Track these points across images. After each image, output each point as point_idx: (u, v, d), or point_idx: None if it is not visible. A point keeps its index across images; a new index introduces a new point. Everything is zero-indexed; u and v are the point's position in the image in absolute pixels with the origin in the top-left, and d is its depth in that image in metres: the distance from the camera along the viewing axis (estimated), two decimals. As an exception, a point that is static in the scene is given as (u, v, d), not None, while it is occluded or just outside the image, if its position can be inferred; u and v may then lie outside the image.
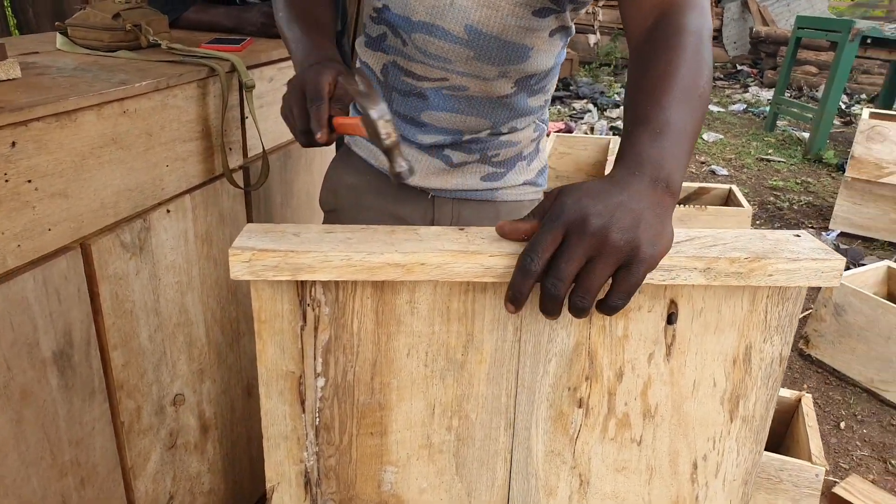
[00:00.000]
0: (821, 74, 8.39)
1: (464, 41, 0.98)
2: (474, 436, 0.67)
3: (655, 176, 0.60)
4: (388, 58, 1.07)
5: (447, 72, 1.02)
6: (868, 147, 3.54)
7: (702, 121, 0.69)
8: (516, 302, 0.57)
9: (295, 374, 0.64)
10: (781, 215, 4.09)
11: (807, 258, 0.58)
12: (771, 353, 0.63)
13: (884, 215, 3.65)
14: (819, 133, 5.11)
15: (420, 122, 1.08)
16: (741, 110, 7.04)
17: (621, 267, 0.56)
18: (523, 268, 0.56)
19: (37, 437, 1.02)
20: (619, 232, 0.55)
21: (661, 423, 0.66)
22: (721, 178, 4.74)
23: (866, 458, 2.10)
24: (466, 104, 1.05)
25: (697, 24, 0.74)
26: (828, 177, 4.80)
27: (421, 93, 1.06)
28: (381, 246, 0.58)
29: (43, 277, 0.99)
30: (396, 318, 0.62)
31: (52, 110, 0.96)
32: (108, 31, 1.37)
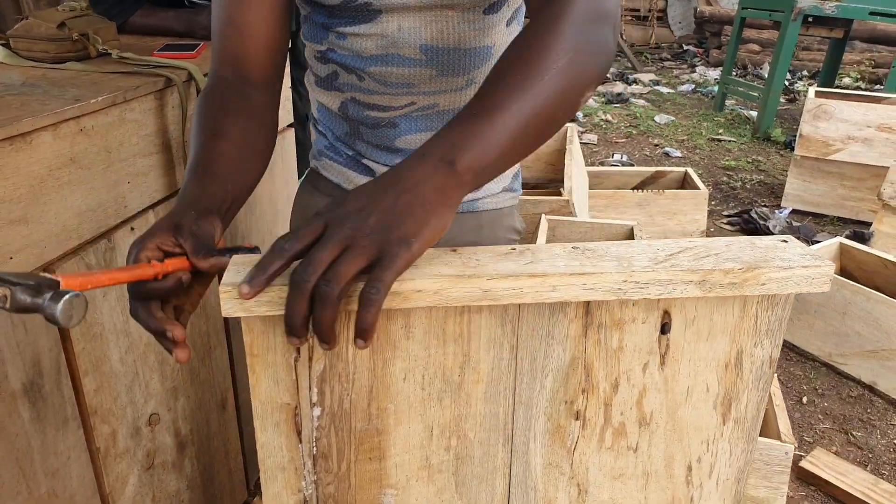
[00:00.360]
0: (763, 52, 8.59)
1: (423, 62, 0.93)
2: (473, 454, 0.67)
3: (441, 156, 0.60)
4: (345, 95, 1.01)
5: (413, 95, 0.97)
6: (815, 126, 3.64)
7: (554, 115, 0.66)
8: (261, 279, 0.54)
9: (290, 405, 0.63)
10: (735, 195, 4.18)
11: (798, 266, 0.59)
12: (761, 356, 0.65)
13: (832, 191, 3.77)
14: (766, 112, 5.23)
15: (395, 148, 1.03)
16: (690, 91, 7.16)
17: (375, 262, 0.55)
18: (277, 246, 0.56)
19: (11, 473, 0.99)
20: (371, 229, 0.55)
21: (657, 430, 0.67)
22: (675, 160, 4.83)
23: (828, 430, 2.18)
24: (439, 120, 1.00)
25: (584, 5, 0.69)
26: (777, 154, 4.93)
27: (390, 122, 1.00)
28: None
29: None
30: (392, 343, 0.61)
31: (5, 134, 0.92)
32: (53, 41, 1.32)
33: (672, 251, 0.60)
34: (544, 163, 3.55)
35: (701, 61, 8.86)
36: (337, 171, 1.10)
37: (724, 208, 3.98)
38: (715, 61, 8.50)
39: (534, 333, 0.62)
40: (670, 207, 3.35)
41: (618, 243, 0.63)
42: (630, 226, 2.25)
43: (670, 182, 3.67)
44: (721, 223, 3.77)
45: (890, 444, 2.12)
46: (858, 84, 7.45)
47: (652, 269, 0.58)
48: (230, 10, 0.87)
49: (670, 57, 9.22)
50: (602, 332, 0.62)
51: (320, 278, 0.54)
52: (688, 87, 7.26)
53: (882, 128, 3.53)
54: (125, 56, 1.34)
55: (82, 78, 1.21)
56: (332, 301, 0.53)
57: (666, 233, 3.37)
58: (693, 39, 9.98)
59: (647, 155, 4.95)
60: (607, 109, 6.16)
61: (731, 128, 5.61)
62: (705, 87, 7.23)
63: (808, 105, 3.65)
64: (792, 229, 3.54)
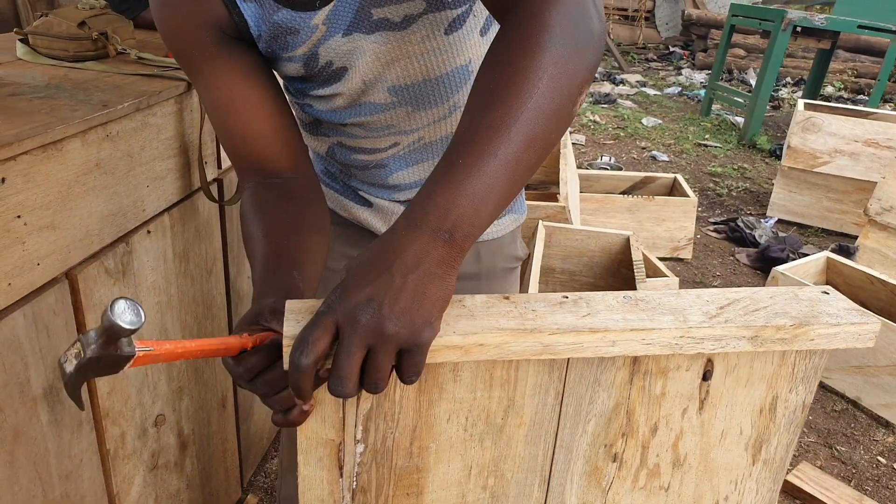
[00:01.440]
0: (749, 57, 8.69)
1: (395, 103, 0.90)
2: (508, 493, 0.69)
3: (437, 227, 0.57)
4: (331, 140, 0.99)
5: (395, 136, 0.94)
6: (804, 137, 3.71)
7: (543, 146, 0.61)
8: (303, 398, 0.56)
9: (335, 441, 0.64)
10: (721, 202, 4.24)
11: (846, 322, 0.61)
12: (795, 401, 0.67)
13: (817, 203, 3.84)
14: (753, 120, 5.30)
15: (389, 185, 1.01)
16: (676, 93, 7.23)
17: (403, 350, 0.55)
18: (293, 363, 0.54)
19: (29, 477, 0.99)
20: (392, 319, 0.53)
21: (689, 471, 0.70)
22: (662, 164, 4.88)
23: (813, 444, 2.24)
24: (428, 151, 0.97)
25: (567, 17, 0.61)
26: (762, 162, 5.01)
27: (378, 163, 0.98)
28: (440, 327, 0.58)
29: (32, 314, 0.96)
30: (439, 386, 0.62)
31: (39, 142, 0.92)
32: (73, 40, 1.31)
33: (721, 304, 0.62)
34: (537, 164, 3.57)
35: (687, 64, 8.93)
36: (333, 199, 1.07)
37: (710, 215, 4.04)
38: (701, 64, 8.58)
39: (581, 381, 0.64)
40: (660, 213, 3.40)
41: (667, 293, 0.64)
42: (626, 236, 2.29)
43: (659, 188, 3.71)
44: (707, 230, 3.83)
45: (873, 460, 2.18)
46: (841, 94, 7.57)
47: (707, 324, 0.60)
48: (227, 123, 0.84)
49: (656, 58, 9.29)
50: (647, 380, 0.64)
51: (365, 386, 0.55)
52: (674, 90, 7.33)
53: (869, 143, 3.60)
54: (143, 56, 1.33)
55: (104, 80, 1.20)
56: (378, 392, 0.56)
57: (654, 239, 3.42)
58: (679, 41, 10.05)
59: (635, 158, 5.00)
60: (595, 110, 6.19)
61: (717, 133, 5.68)
62: (691, 91, 7.31)
63: (798, 117, 3.71)
64: (778, 239, 3.61)
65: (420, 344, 0.55)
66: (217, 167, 1.43)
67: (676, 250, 3.47)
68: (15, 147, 0.88)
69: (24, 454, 0.98)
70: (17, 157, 0.89)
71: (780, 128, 5.87)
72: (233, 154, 0.86)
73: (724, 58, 6.15)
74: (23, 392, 0.96)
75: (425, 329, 0.55)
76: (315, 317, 0.55)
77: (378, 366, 0.55)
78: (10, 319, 0.92)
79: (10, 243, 0.90)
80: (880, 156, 3.58)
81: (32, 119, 0.96)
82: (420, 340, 0.55)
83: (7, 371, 0.93)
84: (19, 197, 0.91)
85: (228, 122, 0.83)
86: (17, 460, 0.97)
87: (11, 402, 0.94)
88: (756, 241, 3.61)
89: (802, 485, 1.96)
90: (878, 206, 3.08)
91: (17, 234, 0.91)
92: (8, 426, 0.94)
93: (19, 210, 0.91)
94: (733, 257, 3.53)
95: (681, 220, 3.42)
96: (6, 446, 0.94)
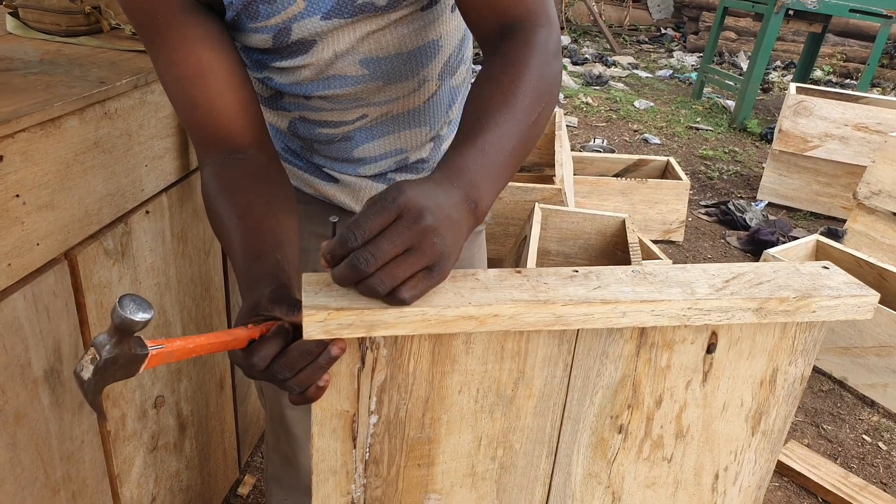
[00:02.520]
0: (740, 40, 8.69)
1: (367, 76, 0.89)
2: (517, 463, 0.70)
3: (468, 194, 0.62)
4: (293, 114, 0.96)
5: (364, 108, 0.93)
6: (795, 121, 3.72)
7: (530, 146, 0.71)
8: (330, 262, 0.57)
9: (349, 412, 0.65)
10: (712, 185, 4.26)
11: (847, 295, 0.63)
12: (794, 374, 0.69)
13: (807, 186, 3.86)
14: (744, 104, 5.31)
15: (354, 158, 1.00)
16: (668, 76, 7.22)
17: (426, 267, 0.57)
18: (342, 238, 0.55)
19: (31, 459, 0.99)
20: (440, 236, 0.56)
21: (691, 442, 0.71)
22: (654, 147, 4.89)
23: (801, 423, 2.27)
24: (394, 124, 0.97)
25: (543, 42, 0.74)
26: (752, 146, 5.02)
27: (344, 136, 0.97)
28: (453, 298, 0.58)
29: (33, 294, 0.95)
30: (451, 358, 0.63)
31: (38, 119, 0.90)
32: (66, 14, 1.29)
33: (727, 277, 0.64)
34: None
35: (679, 46, 8.92)
36: (297, 176, 1.05)
37: (701, 198, 4.06)
38: (692, 47, 8.57)
39: (589, 353, 0.65)
40: (652, 196, 3.41)
41: (674, 267, 0.65)
42: (622, 218, 2.29)
43: (652, 171, 3.72)
44: (699, 213, 3.85)
45: (858, 438, 2.21)
46: (829, 78, 7.60)
47: (714, 296, 0.61)
48: (193, 95, 0.80)
49: (648, 40, 9.27)
50: (653, 352, 0.65)
51: (376, 275, 0.55)
52: (665, 73, 7.32)
53: (859, 127, 3.62)
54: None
55: (99, 56, 1.18)
56: (377, 295, 0.56)
57: (647, 221, 3.43)
58: (671, 23, 10.03)
59: (627, 140, 5.00)
60: (588, 92, 6.18)
61: (708, 116, 5.69)
62: (683, 74, 7.30)
63: (789, 101, 3.72)
64: (768, 223, 3.63)
65: (443, 269, 0.57)
66: (214, 147, 1.41)
67: (668, 233, 3.48)
68: (13, 124, 0.86)
69: (25, 436, 0.97)
70: (15, 134, 0.88)
71: (771, 111, 5.89)
72: (196, 128, 0.82)
73: (716, 41, 6.14)
74: (24, 374, 0.95)
75: (449, 261, 0.58)
76: (377, 202, 0.56)
77: (406, 264, 0.56)
78: (10, 301, 0.91)
79: (9, 223, 0.89)
80: (870, 140, 3.60)
81: (29, 96, 0.95)
82: (444, 267, 0.58)
83: (8, 353, 0.92)
84: (18, 175, 0.89)
85: (195, 93, 0.79)
86: (19, 442, 0.96)
87: (13, 384, 0.93)
88: (746, 225, 3.63)
89: (790, 462, 1.99)
90: (867, 190, 3.10)
91: (17, 213, 0.90)
92: (10, 408, 0.93)
93: (18, 189, 0.90)
94: (724, 240, 3.55)
95: (673, 202, 3.43)
96: (8, 428, 0.94)
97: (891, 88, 7.15)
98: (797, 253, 2.70)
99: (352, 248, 0.55)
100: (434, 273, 0.57)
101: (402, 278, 0.56)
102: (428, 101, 0.97)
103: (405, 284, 0.56)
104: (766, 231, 3.45)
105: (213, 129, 0.81)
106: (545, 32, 0.75)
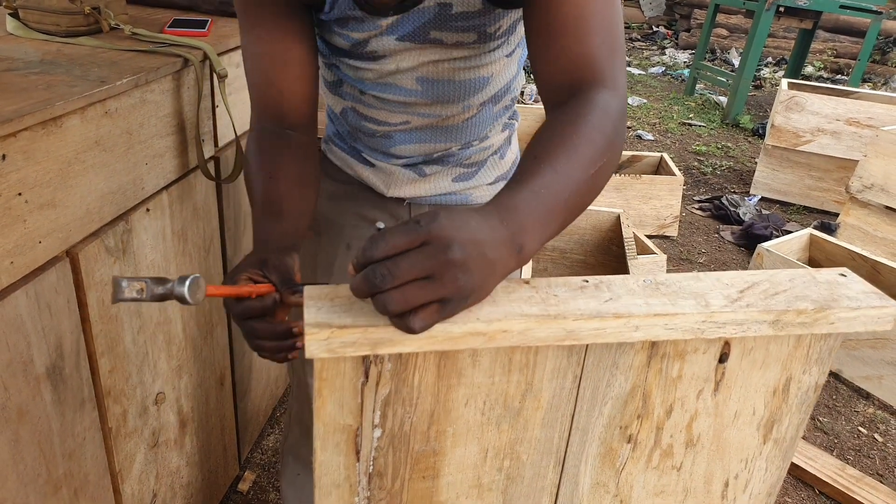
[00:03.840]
0: (731, 37, 8.71)
1: (419, 92, 0.99)
2: (524, 474, 0.69)
3: (514, 236, 0.60)
4: (347, 103, 1.07)
5: (409, 115, 1.02)
6: (787, 116, 3.74)
7: (587, 199, 0.70)
8: (356, 271, 0.56)
9: (352, 426, 0.63)
10: (706, 180, 4.28)
11: (866, 306, 0.62)
12: (808, 382, 0.68)
13: (800, 181, 3.88)
14: (737, 99, 5.33)
15: (391, 154, 1.09)
16: (660, 73, 7.24)
17: (441, 300, 0.55)
18: (365, 247, 0.55)
19: (33, 456, 0.99)
20: (467, 272, 0.55)
21: (701, 451, 0.71)
22: (647, 143, 4.90)
23: (796, 415, 2.29)
24: (432, 134, 1.06)
25: (606, 104, 0.74)
26: (745, 141, 5.04)
27: (385, 134, 1.06)
28: (461, 314, 0.57)
29: (35, 292, 0.95)
30: (458, 371, 0.62)
31: (39, 118, 0.90)
32: (66, 14, 1.29)
33: (741, 287, 0.63)
34: (524, 144, 3.58)
35: (671, 43, 8.94)
36: (340, 158, 1.16)
37: (694, 193, 4.07)
38: (684, 44, 8.58)
39: (599, 364, 0.64)
40: (646, 192, 3.42)
41: (688, 276, 0.65)
42: (617, 213, 2.30)
43: (645, 167, 3.73)
44: (692, 208, 3.86)
45: (854, 430, 2.24)
46: (820, 73, 7.63)
47: (729, 308, 0.60)
48: (271, 73, 0.93)
49: (640, 38, 9.28)
50: (664, 363, 0.65)
51: (392, 290, 0.54)
52: (658, 70, 7.34)
53: (850, 121, 3.64)
54: (138, 32, 1.31)
55: (99, 56, 1.19)
56: (387, 313, 0.55)
57: (641, 216, 3.45)
58: (663, 21, 10.04)
59: (620, 136, 5.01)
60: (581, 88, 6.18)
61: (701, 112, 5.71)
62: (675, 70, 7.32)
63: (781, 96, 3.74)
64: (761, 217, 3.65)
65: (458, 304, 0.56)
66: (214, 145, 1.41)
67: (663, 228, 3.50)
68: (15, 123, 0.86)
69: (28, 433, 0.97)
70: (18, 133, 0.88)
71: (763, 107, 5.91)
72: (262, 100, 0.95)
73: (708, 38, 6.16)
74: (26, 371, 0.96)
75: (470, 300, 0.57)
76: (409, 223, 0.56)
77: (423, 292, 0.54)
78: (12, 298, 0.91)
79: (11, 221, 0.89)
80: (861, 134, 3.63)
81: (31, 95, 0.95)
82: (461, 303, 0.56)
83: (11, 350, 0.92)
84: (20, 174, 0.89)
85: (274, 75, 0.93)
86: (22, 439, 0.96)
87: (15, 381, 0.94)
88: (740, 219, 3.65)
89: (789, 456, 2.00)
90: (860, 184, 3.13)
91: (19, 211, 0.90)
92: (12, 405, 0.94)
93: (20, 187, 0.90)
94: (718, 235, 3.57)
95: (667, 198, 3.44)
96: (11, 425, 0.94)
97: (882, 83, 7.19)
98: (791, 247, 2.72)
99: (369, 259, 0.55)
100: (448, 308, 0.55)
101: (414, 304, 0.54)
102: (466, 121, 1.06)
103: (417, 313, 0.54)
104: (760, 225, 3.47)
105: (277, 105, 0.94)
106: (609, 95, 0.75)
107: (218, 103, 1.39)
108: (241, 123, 1.46)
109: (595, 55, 0.77)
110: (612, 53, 0.78)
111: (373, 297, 0.55)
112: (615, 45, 0.79)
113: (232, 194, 1.52)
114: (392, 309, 0.54)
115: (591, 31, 0.77)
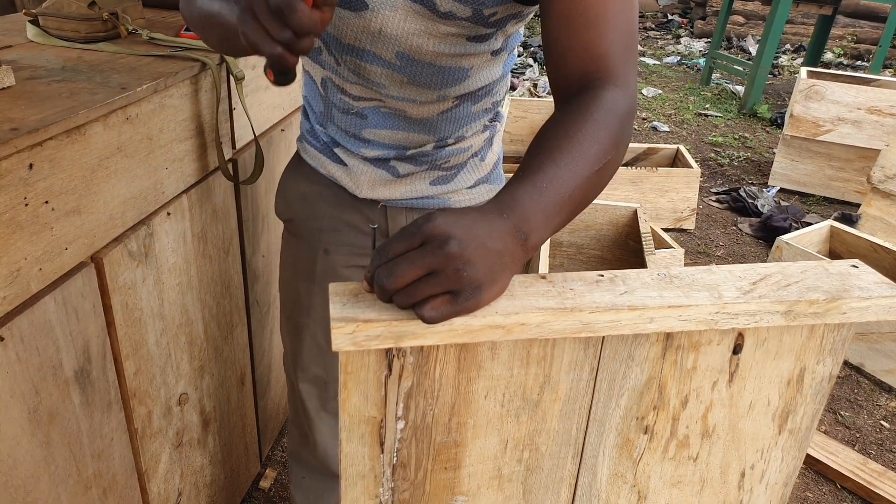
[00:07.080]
0: (748, 24, 8.62)
1: (396, 66, 0.96)
2: (543, 465, 0.71)
3: (517, 226, 0.62)
4: (325, 73, 1.05)
5: (382, 96, 1.01)
6: (806, 106, 3.70)
7: (591, 195, 0.71)
8: (369, 282, 0.60)
9: (377, 418, 0.65)
10: (723, 172, 4.25)
11: (878, 296, 0.63)
12: (822, 372, 0.69)
13: (819, 171, 3.85)
14: (754, 89, 5.28)
15: (362, 137, 1.07)
16: (675, 63, 7.18)
17: (451, 292, 0.58)
18: (371, 259, 0.60)
19: (64, 456, 1.01)
20: (469, 264, 0.57)
21: (717, 441, 0.72)
22: (663, 135, 4.87)
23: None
24: (406, 122, 1.04)
25: (615, 102, 0.74)
26: (763, 131, 5.00)
27: (359, 112, 1.04)
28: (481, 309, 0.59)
29: (63, 297, 0.97)
30: (477, 364, 0.64)
31: (64, 127, 0.92)
32: (84, 21, 1.31)
33: (753, 279, 0.64)
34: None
35: (686, 32, 8.86)
36: (314, 157, 1.15)
37: (711, 185, 4.05)
38: (700, 32, 8.51)
39: (615, 356, 0.66)
40: (663, 185, 3.40)
41: (700, 270, 0.66)
42: (633, 208, 2.30)
43: (662, 159, 3.71)
44: (710, 200, 3.84)
45: (876, 424, 2.22)
46: (840, 60, 7.53)
47: (742, 300, 0.61)
48: None
49: (654, 27, 9.20)
50: (679, 354, 0.66)
51: (398, 294, 0.58)
52: (673, 59, 7.28)
53: (872, 110, 3.60)
54: (155, 37, 1.33)
55: (118, 61, 1.20)
56: (401, 308, 0.58)
57: (658, 210, 3.43)
58: (678, 9, 9.95)
59: (636, 129, 4.99)
60: (596, 80, 6.15)
61: (717, 102, 5.66)
62: (691, 60, 7.26)
63: (800, 85, 3.70)
64: (780, 209, 3.62)
65: (468, 297, 0.58)
66: (232, 147, 1.43)
67: (680, 221, 3.48)
68: (41, 133, 0.88)
69: (58, 435, 1.00)
70: (44, 142, 0.90)
71: (781, 96, 5.85)
72: None
73: (724, 26, 6.10)
74: (56, 375, 0.98)
75: (479, 292, 0.58)
76: (406, 228, 0.59)
77: (426, 287, 0.57)
78: (41, 304, 0.93)
79: (39, 228, 0.91)
80: (883, 123, 3.58)
81: (55, 104, 0.97)
82: (471, 295, 0.58)
83: (41, 355, 0.94)
84: (46, 182, 0.91)
85: None
86: (53, 441, 0.99)
87: (45, 384, 0.96)
88: (758, 211, 3.62)
89: (808, 450, 2.00)
90: (882, 174, 3.09)
91: (46, 219, 0.92)
92: (43, 408, 0.96)
93: (47, 196, 0.92)
94: (736, 227, 3.55)
95: (684, 190, 3.42)
96: (42, 428, 0.96)
97: (902, 70, 7.08)
98: (811, 239, 2.70)
99: (375, 267, 0.59)
100: (460, 299, 0.58)
101: (420, 297, 0.57)
102: (441, 114, 1.03)
103: (426, 304, 0.57)
104: (779, 217, 3.44)
105: None
106: (619, 94, 0.75)
107: (235, 105, 1.40)
108: (259, 125, 1.48)
109: (610, 52, 0.77)
110: (626, 52, 0.78)
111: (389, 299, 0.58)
112: (630, 44, 0.79)
113: (250, 195, 1.54)
114: (402, 304, 0.58)
115: (611, 27, 0.77)
